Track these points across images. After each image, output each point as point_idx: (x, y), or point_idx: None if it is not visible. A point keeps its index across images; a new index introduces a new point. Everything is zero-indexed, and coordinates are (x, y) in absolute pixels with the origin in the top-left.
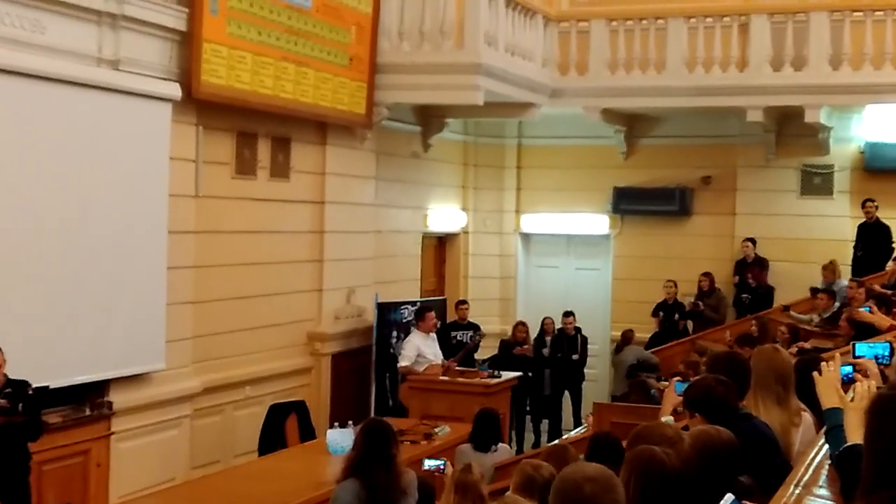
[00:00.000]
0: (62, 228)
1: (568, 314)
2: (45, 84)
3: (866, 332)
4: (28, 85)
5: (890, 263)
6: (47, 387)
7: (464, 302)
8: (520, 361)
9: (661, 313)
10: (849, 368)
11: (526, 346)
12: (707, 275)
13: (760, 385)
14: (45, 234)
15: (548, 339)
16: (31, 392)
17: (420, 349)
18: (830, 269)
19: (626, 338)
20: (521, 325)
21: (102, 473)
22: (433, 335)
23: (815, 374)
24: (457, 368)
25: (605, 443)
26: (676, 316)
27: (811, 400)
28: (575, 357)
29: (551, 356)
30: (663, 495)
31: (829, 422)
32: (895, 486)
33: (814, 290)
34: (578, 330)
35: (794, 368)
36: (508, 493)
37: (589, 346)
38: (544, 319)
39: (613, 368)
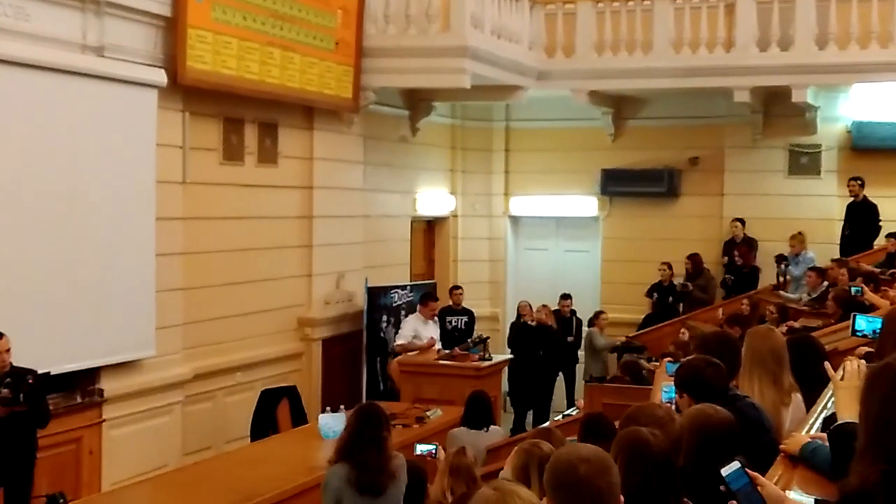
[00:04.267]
0: (49, 217)
1: (566, 296)
2: (30, 72)
3: (854, 310)
4: (12, 73)
5: (882, 241)
6: (48, 373)
7: (458, 287)
8: (534, 343)
9: (656, 294)
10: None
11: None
12: (692, 257)
13: (757, 364)
14: (33, 222)
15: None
16: (31, 381)
17: (417, 331)
18: (799, 239)
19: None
20: (544, 307)
21: (94, 461)
22: (432, 321)
23: (836, 377)
24: (447, 351)
25: (598, 424)
26: (671, 298)
27: (803, 379)
28: (570, 339)
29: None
30: (648, 476)
31: (845, 438)
32: (887, 458)
33: (779, 258)
34: (574, 312)
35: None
36: (503, 472)
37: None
38: (520, 304)
39: (588, 348)
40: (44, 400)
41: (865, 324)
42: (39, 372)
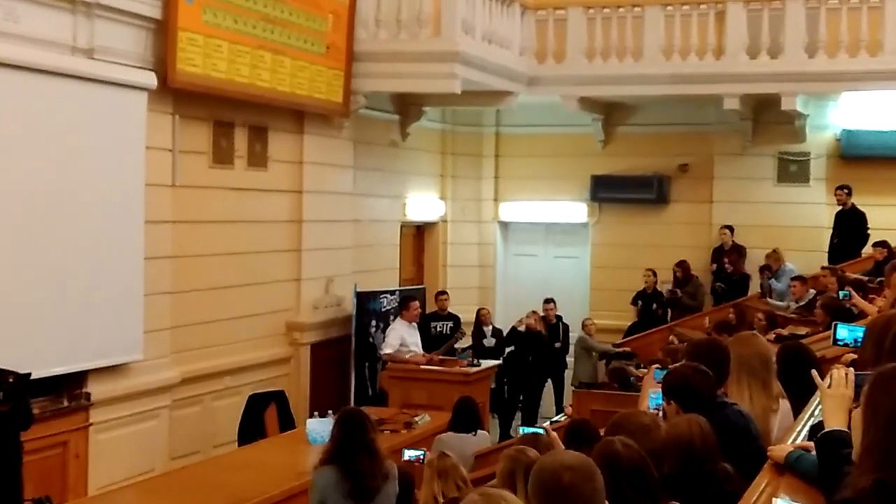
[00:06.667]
0: (37, 219)
1: (549, 301)
2: (20, 73)
3: (842, 318)
4: (2, 74)
5: (869, 249)
6: (29, 374)
7: (443, 292)
8: (528, 348)
9: (640, 302)
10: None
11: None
12: (681, 264)
13: (746, 370)
14: (21, 224)
15: (486, 329)
16: (11, 381)
17: (403, 338)
18: (774, 257)
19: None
20: (534, 313)
21: (81, 465)
22: (415, 325)
23: (823, 385)
24: (438, 357)
25: (581, 430)
26: (655, 305)
27: (792, 386)
28: (557, 345)
29: (496, 348)
30: (620, 486)
31: (832, 446)
32: (882, 465)
33: (763, 269)
34: (559, 318)
35: (777, 355)
36: (494, 480)
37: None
38: (479, 310)
39: (581, 353)
40: (25, 400)
41: (846, 332)
42: (21, 373)
